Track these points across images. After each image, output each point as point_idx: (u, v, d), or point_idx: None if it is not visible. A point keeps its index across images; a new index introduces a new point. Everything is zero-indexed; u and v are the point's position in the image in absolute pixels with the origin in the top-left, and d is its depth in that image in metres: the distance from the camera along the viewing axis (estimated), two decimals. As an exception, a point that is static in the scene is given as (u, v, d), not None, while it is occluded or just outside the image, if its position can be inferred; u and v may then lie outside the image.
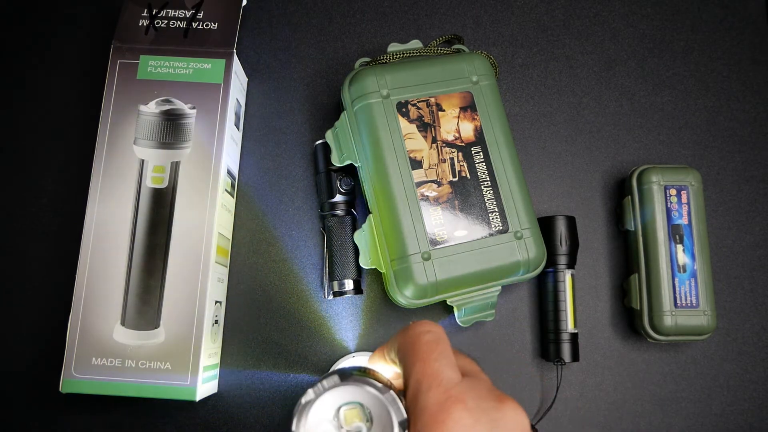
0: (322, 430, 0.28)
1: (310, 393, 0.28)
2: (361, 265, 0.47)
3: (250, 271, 0.51)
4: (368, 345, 0.50)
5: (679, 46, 0.57)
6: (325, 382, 0.28)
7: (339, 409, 0.28)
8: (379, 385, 0.28)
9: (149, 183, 0.46)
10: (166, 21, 0.49)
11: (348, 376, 0.28)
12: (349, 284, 0.48)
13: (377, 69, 0.47)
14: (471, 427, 0.25)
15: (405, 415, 0.27)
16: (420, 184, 0.45)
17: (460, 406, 0.25)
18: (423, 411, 0.26)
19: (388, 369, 0.32)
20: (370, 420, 0.28)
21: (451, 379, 0.27)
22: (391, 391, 0.28)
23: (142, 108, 0.47)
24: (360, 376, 0.28)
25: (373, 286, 0.51)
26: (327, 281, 0.49)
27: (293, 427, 0.28)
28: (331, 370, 0.47)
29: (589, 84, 0.56)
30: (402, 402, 0.27)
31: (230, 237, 0.51)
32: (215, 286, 0.46)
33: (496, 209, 0.46)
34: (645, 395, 0.50)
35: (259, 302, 0.50)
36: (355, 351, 0.50)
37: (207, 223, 0.45)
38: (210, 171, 0.46)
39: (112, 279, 0.44)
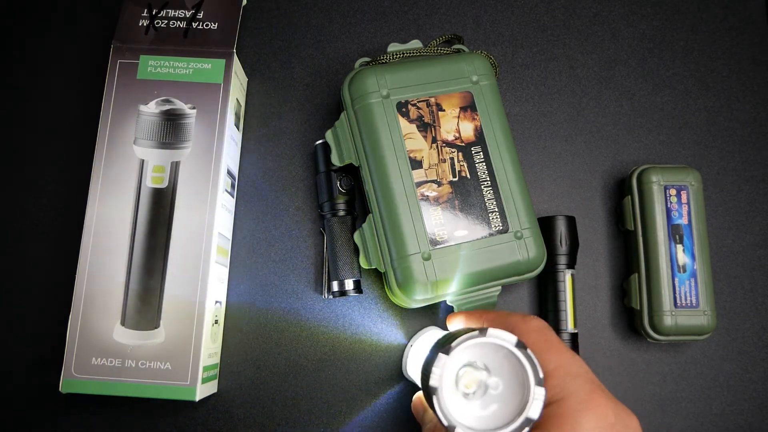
0: (449, 387, 0.29)
1: (450, 346, 0.28)
2: (361, 265, 0.47)
3: (250, 271, 0.51)
4: (368, 345, 0.50)
5: (679, 46, 0.57)
6: (465, 335, 0.28)
7: (459, 369, 0.29)
8: (515, 339, 0.28)
9: (149, 183, 0.46)
10: (166, 21, 0.49)
11: (484, 330, 0.29)
12: (349, 284, 0.48)
13: (377, 69, 0.47)
14: (612, 425, 0.28)
15: (542, 375, 0.28)
16: (420, 184, 0.45)
17: (605, 401, 0.28)
18: (573, 395, 0.28)
19: None
20: (486, 380, 0.29)
21: (590, 373, 0.30)
22: (529, 350, 0.28)
23: (142, 108, 0.47)
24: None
25: (373, 286, 0.51)
26: (327, 281, 0.49)
27: (431, 379, 0.28)
28: (412, 342, 0.48)
29: (589, 84, 0.56)
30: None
31: (230, 237, 0.51)
32: (215, 286, 0.46)
33: (496, 209, 0.46)
34: (645, 395, 0.50)
35: (259, 302, 0.50)
36: (356, 354, 0.50)
37: (207, 223, 0.45)
38: (210, 171, 0.46)
39: (112, 279, 0.44)
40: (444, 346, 0.29)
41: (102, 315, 0.44)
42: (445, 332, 0.38)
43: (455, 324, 0.37)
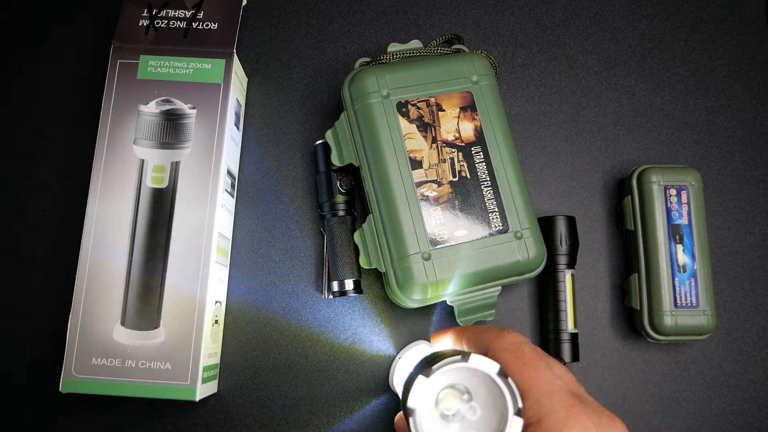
0: (428, 409, 0.29)
1: (430, 369, 0.28)
2: (361, 265, 0.47)
3: (250, 271, 0.51)
4: (368, 345, 0.50)
5: (679, 46, 0.57)
6: (447, 359, 0.28)
7: (440, 391, 0.29)
8: (498, 368, 0.28)
9: (149, 183, 0.46)
10: (166, 21, 0.49)
11: (467, 355, 0.29)
12: (349, 284, 0.48)
13: (377, 69, 0.47)
14: None
15: (521, 405, 0.28)
16: (420, 184, 0.45)
17: (585, 416, 0.27)
18: (549, 415, 0.27)
19: None
20: (469, 399, 0.29)
21: (568, 390, 0.28)
22: (510, 379, 0.28)
23: (142, 108, 0.47)
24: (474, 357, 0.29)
25: (373, 286, 0.51)
26: (327, 281, 0.49)
27: (409, 400, 0.28)
28: (399, 356, 0.47)
29: (589, 84, 0.56)
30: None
31: (230, 237, 0.51)
32: (215, 286, 0.46)
33: (496, 209, 0.46)
34: (645, 395, 0.50)
35: (259, 302, 0.50)
36: (356, 354, 0.50)
37: (207, 223, 0.45)
38: (210, 171, 0.46)
39: (112, 279, 0.44)
40: (424, 368, 0.29)
41: (102, 315, 0.44)
42: (432, 350, 0.38)
43: (439, 342, 0.37)
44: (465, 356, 0.28)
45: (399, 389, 0.44)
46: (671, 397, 0.50)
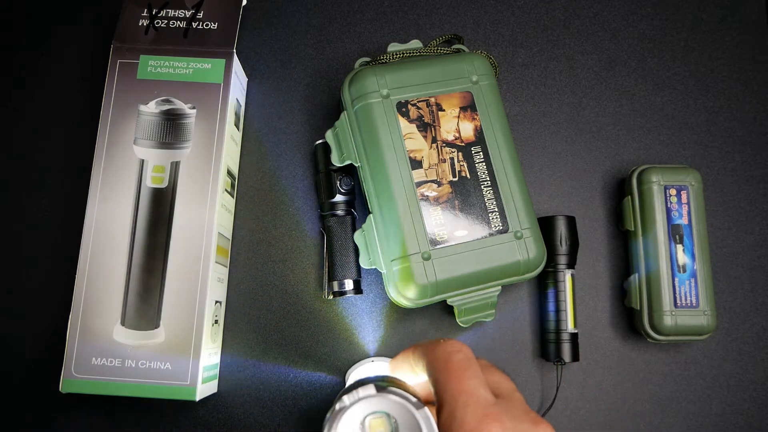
0: None
1: (345, 400, 0.28)
2: (361, 265, 0.47)
3: (250, 271, 0.51)
4: (368, 345, 0.50)
5: (679, 46, 0.57)
6: (360, 391, 0.28)
7: (365, 417, 0.29)
8: (414, 399, 0.28)
9: (149, 183, 0.46)
10: (166, 21, 0.49)
11: (382, 387, 0.29)
12: (349, 284, 0.48)
13: (377, 69, 0.47)
14: None
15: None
16: (420, 184, 0.45)
17: (498, 425, 0.26)
18: (461, 427, 0.26)
19: (412, 378, 0.33)
20: (395, 430, 0.29)
21: (487, 399, 0.28)
22: (426, 408, 0.28)
23: (142, 108, 0.47)
24: (393, 387, 0.29)
25: (373, 286, 0.51)
26: (327, 281, 0.49)
27: (326, 420, 0.28)
28: (349, 373, 0.47)
29: (589, 84, 0.56)
30: (434, 419, 0.28)
31: (230, 237, 0.51)
32: (215, 286, 0.46)
33: (496, 209, 0.45)
34: (645, 395, 0.50)
35: (259, 302, 0.50)
36: (356, 355, 0.50)
37: (207, 223, 0.45)
38: (210, 171, 0.46)
39: (112, 279, 0.44)
40: (340, 398, 0.29)
41: (102, 315, 0.44)
42: (373, 373, 0.38)
43: (396, 361, 0.36)
44: (381, 389, 0.28)
45: None
46: (671, 397, 0.50)
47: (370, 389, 0.28)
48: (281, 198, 0.52)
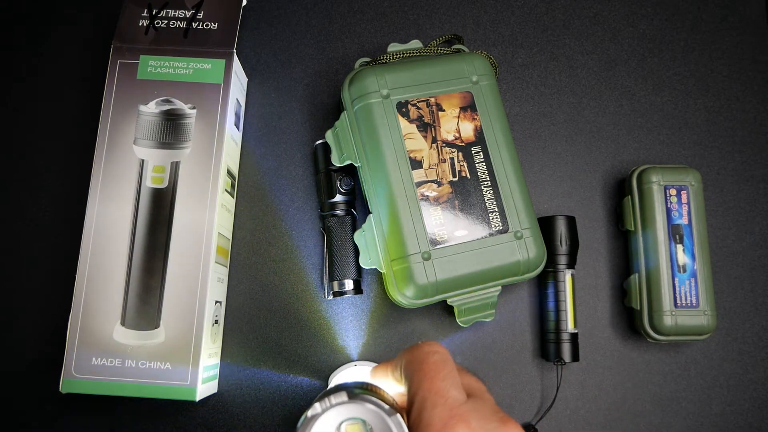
0: None
1: (316, 407, 0.28)
2: (361, 265, 0.47)
3: (250, 271, 0.51)
4: (368, 345, 0.50)
5: (679, 46, 0.57)
6: (332, 398, 0.28)
7: (341, 423, 0.29)
8: (386, 407, 0.28)
9: (149, 183, 0.46)
10: (166, 21, 0.49)
11: (355, 394, 0.29)
12: (349, 284, 0.48)
13: (377, 69, 0.47)
14: None
15: None
16: (420, 184, 0.45)
17: (464, 425, 0.26)
18: (427, 428, 0.27)
19: (392, 386, 0.33)
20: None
21: (457, 399, 0.28)
22: (398, 415, 0.28)
23: (142, 108, 0.47)
24: (367, 394, 0.29)
25: (373, 286, 0.51)
26: (327, 281, 0.49)
27: (299, 425, 0.28)
28: (332, 377, 0.47)
29: (589, 84, 0.56)
30: (406, 424, 0.28)
31: (230, 237, 0.51)
32: (215, 286, 0.46)
33: (496, 209, 0.46)
34: (645, 395, 0.50)
35: (259, 302, 0.50)
36: (357, 355, 0.50)
37: (207, 223, 0.45)
38: (210, 171, 0.46)
39: (112, 279, 0.44)
40: (313, 404, 0.29)
41: (102, 315, 0.44)
42: (352, 379, 0.38)
43: (375, 370, 0.37)
44: (354, 396, 0.29)
45: None
46: (671, 397, 0.50)
47: (343, 396, 0.29)
48: (281, 198, 0.52)
